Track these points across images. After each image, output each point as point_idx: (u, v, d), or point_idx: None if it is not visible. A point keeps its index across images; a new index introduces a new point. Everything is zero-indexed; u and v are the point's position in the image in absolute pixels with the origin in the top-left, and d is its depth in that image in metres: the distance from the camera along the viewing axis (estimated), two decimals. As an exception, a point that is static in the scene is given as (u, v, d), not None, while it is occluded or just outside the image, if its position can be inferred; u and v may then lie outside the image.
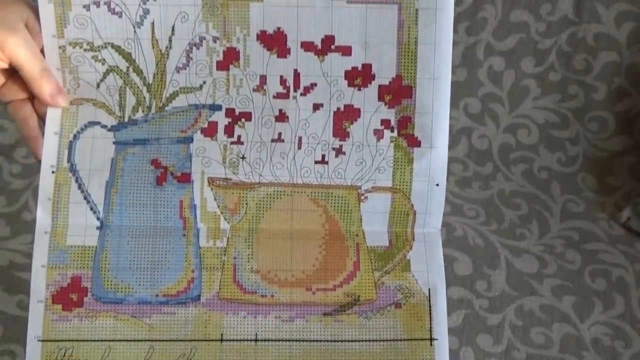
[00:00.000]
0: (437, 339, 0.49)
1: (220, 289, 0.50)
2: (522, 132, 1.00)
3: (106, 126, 0.51)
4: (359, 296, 0.50)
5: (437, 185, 0.51)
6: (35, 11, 0.48)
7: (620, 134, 0.99)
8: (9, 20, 0.45)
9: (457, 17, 0.99)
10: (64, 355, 0.49)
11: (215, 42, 0.49)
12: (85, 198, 0.51)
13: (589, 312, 0.77)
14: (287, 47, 0.49)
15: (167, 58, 0.50)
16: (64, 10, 0.48)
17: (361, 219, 0.51)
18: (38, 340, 0.49)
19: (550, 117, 1.00)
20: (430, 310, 0.50)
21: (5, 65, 0.47)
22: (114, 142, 0.51)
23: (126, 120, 0.51)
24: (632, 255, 0.85)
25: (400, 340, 0.50)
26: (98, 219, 0.51)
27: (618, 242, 0.87)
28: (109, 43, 0.49)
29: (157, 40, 0.49)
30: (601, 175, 0.98)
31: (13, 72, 0.48)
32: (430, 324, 0.50)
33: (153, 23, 0.49)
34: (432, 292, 0.50)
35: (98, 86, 0.50)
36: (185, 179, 0.51)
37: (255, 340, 0.50)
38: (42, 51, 0.49)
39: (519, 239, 0.87)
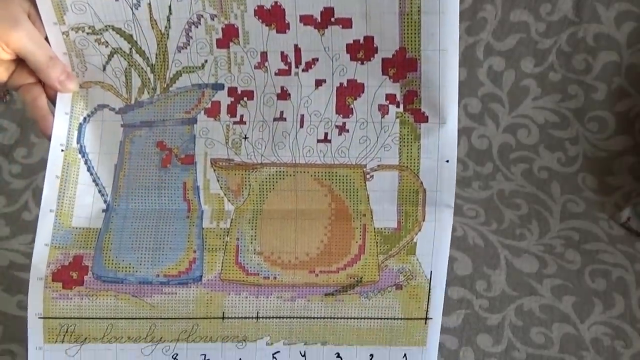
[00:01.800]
0: (431, 318, 0.50)
1: (222, 270, 0.50)
2: (522, 132, 1.00)
3: (114, 109, 0.51)
4: (361, 278, 0.50)
5: (448, 161, 0.49)
6: (35, 1, 0.48)
7: (620, 134, 0.99)
8: (11, 14, 0.45)
9: (457, 17, 0.99)
10: (67, 332, 0.49)
11: (213, 19, 0.48)
12: (94, 180, 0.51)
13: (589, 312, 0.77)
14: (286, 21, 0.48)
15: (168, 38, 0.49)
16: None
17: (368, 198, 0.50)
18: (39, 318, 0.49)
19: (550, 117, 1.00)
20: (429, 291, 0.50)
21: (13, 57, 0.47)
22: (122, 125, 0.51)
23: (133, 102, 0.51)
24: (632, 255, 0.85)
25: (397, 319, 0.50)
26: (105, 201, 0.51)
27: (618, 242, 0.87)
28: (109, 26, 0.49)
29: (155, 21, 0.49)
30: (601, 175, 0.98)
31: (20, 60, 0.48)
32: (428, 304, 0.50)
33: (150, 4, 0.48)
34: (434, 275, 0.50)
35: (104, 69, 0.50)
36: (189, 160, 0.51)
37: (257, 317, 0.50)
38: (47, 39, 0.49)
39: (519, 239, 0.87)
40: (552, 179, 0.97)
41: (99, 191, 0.51)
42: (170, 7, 0.48)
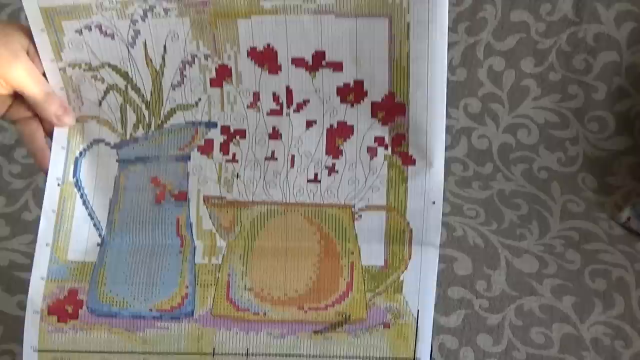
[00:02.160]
0: (419, 358, 0.50)
1: (213, 305, 0.51)
2: (522, 132, 1.00)
3: (110, 144, 0.52)
4: (349, 315, 0.50)
5: (434, 203, 0.50)
6: (33, 38, 0.49)
7: (620, 134, 0.99)
8: (11, 50, 0.47)
9: (457, 17, 0.99)
10: None
11: (207, 59, 0.49)
12: (89, 215, 0.52)
13: (589, 312, 0.77)
14: (278, 63, 0.49)
15: (162, 76, 0.50)
16: (58, 36, 0.49)
17: (357, 237, 0.51)
18: (34, 351, 0.50)
19: (550, 117, 1.00)
20: (417, 330, 0.50)
21: (11, 92, 0.48)
22: (117, 160, 0.52)
23: (128, 137, 0.51)
24: (632, 255, 0.85)
25: (386, 358, 0.50)
26: (100, 235, 0.52)
27: (618, 242, 0.87)
28: (105, 63, 0.50)
29: (150, 59, 0.50)
30: (601, 175, 0.98)
31: (18, 94, 0.49)
32: (415, 343, 0.50)
33: (145, 43, 0.49)
34: (421, 314, 0.50)
35: (100, 104, 0.51)
36: (182, 197, 0.51)
37: (247, 354, 0.50)
38: (44, 74, 0.50)
39: (519, 239, 0.87)
40: (552, 179, 0.97)
41: (94, 225, 0.52)
42: (165, 46, 0.49)
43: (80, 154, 0.52)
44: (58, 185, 0.51)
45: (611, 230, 0.90)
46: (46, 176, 0.51)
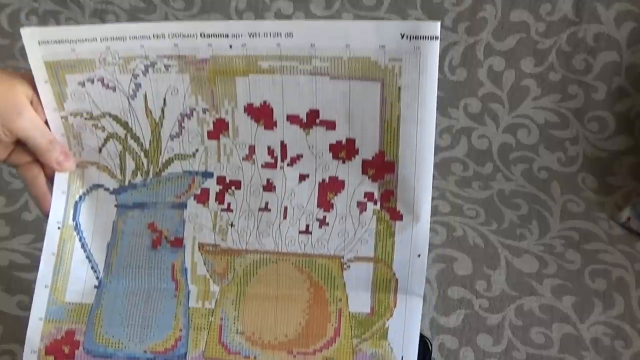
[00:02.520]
0: None
1: (206, 348, 0.53)
2: (522, 132, 1.00)
3: (109, 189, 0.53)
4: None
5: (419, 256, 0.52)
6: (36, 89, 0.51)
7: (620, 134, 0.99)
8: (16, 102, 0.48)
9: (457, 17, 0.99)
10: None
11: (205, 113, 0.51)
12: (87, 257, 0.53)
13: (589, 312, 0.77)
14: (274, 119, 0.51)
15: (161, 127, 0.52)
16: (61, 88, 0.50)
17: (345, 285, 0.53)
18: None
19: (550, 117, 1.00)
20: None
21: (14, 139, 0.49)
22: (115, 205, 0.54)
23: (127, 183, 0.53)
24: (632, 255, 0.85)
25: None
26: (97, 278, 0.54)
27: (618, 242, 0.87)
28: (106, 113, 0.51)
29: (150, 111, 0.51)
30: (601, 175, 0.98)
31: (18, 141, 0.51)
32: None
33: (145, 95, 0.51)
34: (405, 359, 0.52)
35: (100, 151, 0.53)
36: (178, 243, 0.53)
37: None
38: (46, 122, 0.51)
39: (519, 239, 0.87)
40: (552, 179, 0.97)
41: (92, 267, 0.54)
42: (164, 99, 0.51)
43: (80, 198, 0.53)
44: (58, 228, 0.53)
45: (611, 230, 0.90)
46: (47, 219, 0.53)
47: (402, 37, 0.47)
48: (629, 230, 0.90)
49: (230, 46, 0.49)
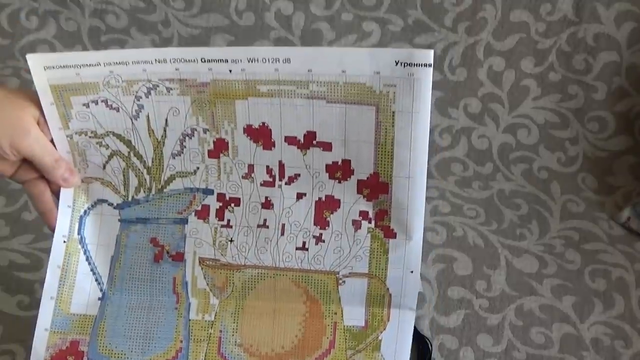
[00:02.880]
0: None
1: (205, 359, 0.55)
2: (522, 132, 1.00)
3: (112, 204, 0.55)
4: None
5: (412, 272, 0.54)
6: (43, 110, 0.52)
7: (620, 134, 0.99)
8: (23, 123, 0.50)
9: (457, 17, 0.99)
10: None
11: (205, 133, 0.53)
12: (92, 270, 0.55)
13: (589, 312, 0.77)
14: (272, 140, 0.52)
15: (163, 145, 0.54)
16: (66, 109, 0.52)
17: (340, 299, 0.55)
18: None
19: (550, 117, 1.00)
20: None
21: (20, 158, 0.51)
22: (119, 220, 0.55)
23: (130, 199, 0.55)
24: (632, 255, 0.85)
25: None
26: (101, 290, 0.56)
27: (618, 242, 0.87)
28: (110, 132, 0.53)
29: (152, 130, 0.53)
30: (601, 175, 0.98)
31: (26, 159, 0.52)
32: None
33: (148, 116, 0.53)
34: None
35: (104, 167, 0.54)
36: (179, 257, 0.55)
37: None
38: (52, 140, 0.53)
39: (519, 239, 0.87)
40: (552, 179, 0.97)
41: (96, 280, 0.56)
42: (166, 119, 0.53)
43: (85, 212, 0.55)
44: (64, 242, 0.54)
45: (611, 230, 0.90)
46: (53, 233, 0.54)
47: (397, 64, 0.49)
48: (629, 230, 0.90)
49: (230, 71, 0.50)
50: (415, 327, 0.72)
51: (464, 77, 1.01)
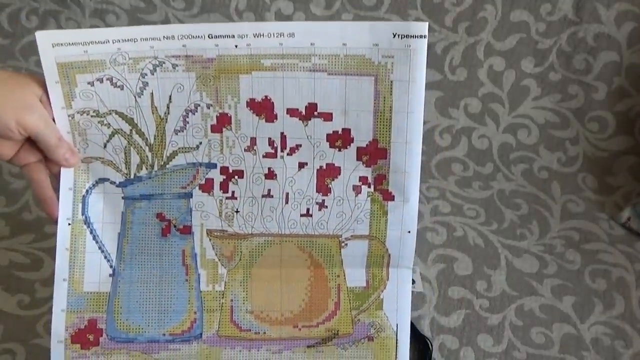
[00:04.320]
0: None
1: (219, 327, 0.58)
2: (522, 132, 1.00)
3: (114, 182, 0.56)
4: (337, 331, 0.58)
5: (409, 232, 0.57)
6: (46, 87, 0.52)
7: (620, 134, 0.99)
8: (26, 100, 0.50)
9: (457, 17, 0.99)
10: None
11: (208, 108, 0.54)
12: (99, 248, 0.56)
13: (589, 312, 0.77)
14: (274, 113, 0.54)
15: (166, 122, 0.54)
16: (70, 87, 0.52)
17: (342, 262, 0.58)
18: None
19: (550, 117, 1.00)
20: (397, 343, 0.58)
21: (23, 137, 0.51)
22: (122, 197, 0.56)
23: (132, 177, 0.56)
24: (632, 255, 0.85)
25: None
26: (111, 266, 0.57)
27: (618, 242, 0.87)
28: (113, 110, 0.54)
29: (156, 108, 0.54)
30: (601, 175, 0.98)
31: (26, 140, 0.52)
32: (396, 354, 0.58)
33: (152, 93, 0.53)
34: (399, 328, 0.58)
35: (105, 146, 0.55)
36: (186, 230, 0.57)
37: None
38: (53, 119, 0.53)
39: (519, 239, 0.87)
40: (552, 179, 0.97)
41: (105, 257, 0.57)
42: (170, 96, 0.54)
43: (87, 192, 0.56)
44: (69, 224, 0.55)
45: (611, 230, 0.90)
46: (56, 220, 0.55)
47: (394, 36, 0.52)
48: (629, 230, 0.90)
49: (236, 46, 0.52)
50: (415, 327, 0.73)
51: (464, 77, 1.01)
